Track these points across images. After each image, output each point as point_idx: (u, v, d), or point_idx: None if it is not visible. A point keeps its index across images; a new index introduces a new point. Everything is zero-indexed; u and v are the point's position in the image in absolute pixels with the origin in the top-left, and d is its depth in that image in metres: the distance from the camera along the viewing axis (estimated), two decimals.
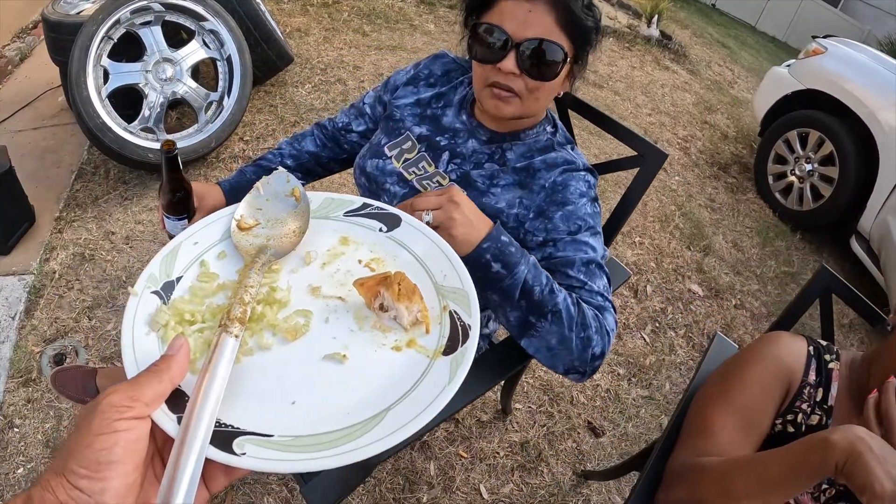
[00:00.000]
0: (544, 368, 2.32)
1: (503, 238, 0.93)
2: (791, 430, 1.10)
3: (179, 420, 0.47)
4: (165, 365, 0.47)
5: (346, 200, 0.80)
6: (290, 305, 0.64)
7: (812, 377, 1.12)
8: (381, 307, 0.62)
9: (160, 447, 0.47)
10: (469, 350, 0.58)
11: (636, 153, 1.42)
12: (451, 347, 0.59)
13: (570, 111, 1.53)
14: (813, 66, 4.04)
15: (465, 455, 1.98)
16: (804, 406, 1.10)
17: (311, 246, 0.72)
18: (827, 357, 1.14)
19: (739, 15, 12.38)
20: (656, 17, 6.77)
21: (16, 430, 1.75)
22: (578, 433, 2.16)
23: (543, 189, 1.13)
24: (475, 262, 0.91)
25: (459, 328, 0.61)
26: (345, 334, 0.61)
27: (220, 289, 0.64)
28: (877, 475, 0.74)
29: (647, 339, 2.65)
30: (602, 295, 1.05)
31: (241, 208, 0.76)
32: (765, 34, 12.28)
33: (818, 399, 1.10)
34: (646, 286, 2.97)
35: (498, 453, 2.02)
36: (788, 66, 4.36)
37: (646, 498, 1.17)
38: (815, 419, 1.09)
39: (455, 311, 0.63)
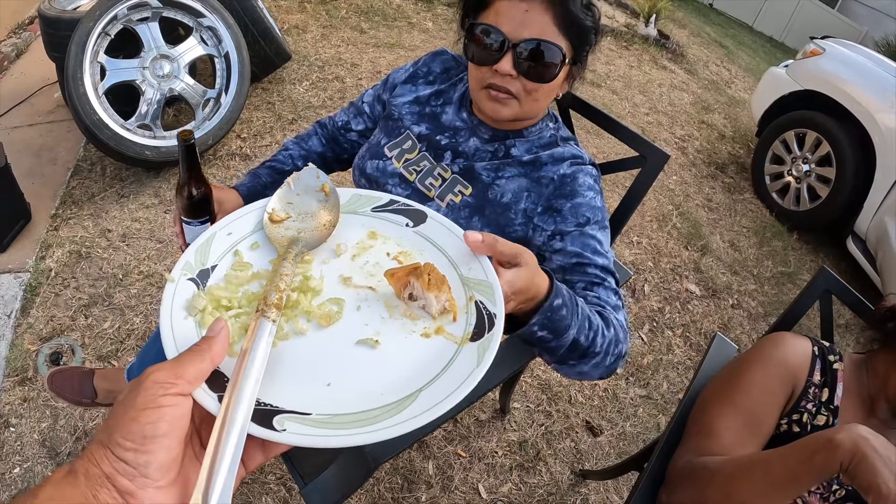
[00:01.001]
0: (543, 368, 2.32)
1: (555, 303, 0.79)
2: (797, 429, 1.10)
3: (220, 399, 0.48)
4: (207, 345, 0.49)
5: (374, 196, 0.83)
6: (323, 294, 0.66)
7: (817, 377, 1.12)
8: (411, 296, 0.65)
9: (198, 426, 0.49)
10: (495, 336, 0.61)
11: (637, 154, 1.41)
12: (477, 334, 0.62)
13: (571, 110, 1.53)
14: (811, 66, 4.04)
15: (463, 454, 1.98)
16: (810, 406, 1.10)
17: (341, 239, 0.75)
18: (831, 357, 1.15)
19: (737, 15, 12.40)
20: (654, 16, 6.77)
21: (12, 429, 1.74)
22: (576, 432, 2.16)
23: (552, 182, 1.12)
24: (524, 334, 0.82)
25: (485, 316, 0.64)
26: (376, 321, 0.64)
27: (255, 277, 0.67)
28: (882, 476, 0.74)
29: (645, 339, 2.66)
30: (616, 292, 1.02)
31: (272, 202, 0.78)
32: (762, 34, 12.30)
33: (824, 399, 1.11)
34: (643, 286, 2.97)
35: (496, 452, 2.02)
36: (786, 66, 4.36)
37: (647, 498, 1.17)
38: (821, 419, 1.09)
39: (481, 301, 0.66)
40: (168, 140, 2.64)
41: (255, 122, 3.26)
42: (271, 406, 0.52)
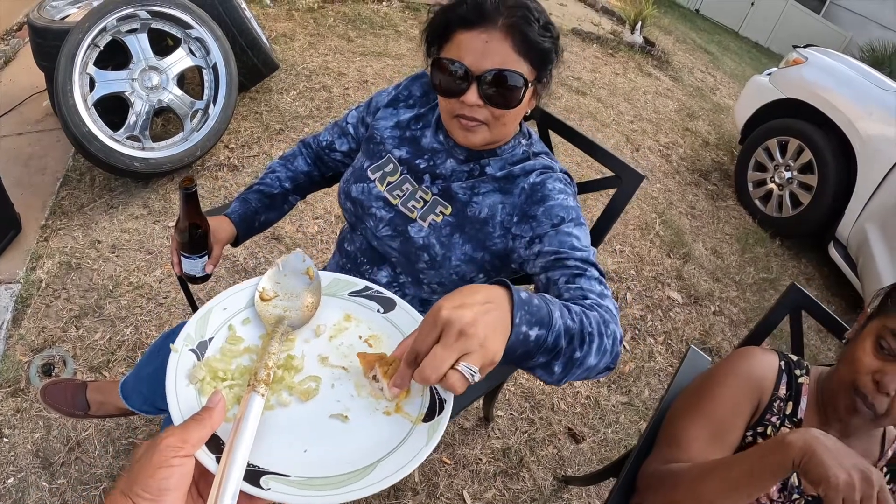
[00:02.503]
0: (526, 376, 2.37)
1: (522, 295, 0.71)
2: (761, 441, 1.14)
3: (217, 459, 0.58)
4: (207, 415, 0.59)
5: (351, 282, 0.91)
6: (304, 371, 0.76)
7: (783, 391, 1.17)
8: (374, 378, 0.73)
9: (196, 480, 0.58)
10: (443, 420, 0.70)
11: (612, 174, 1.46)
12: (429, 416, 0.71)
13: (550, 131, 1.57)
14: (793, 75, 4.12)
15: (448, 461, 2.02)
16: (774, 419, 1.15)
17: (321, 320, 0.84)
18: (797, 372, 1.20)
19: (723, 20, 12.53)
20: (640, 23, 6.85)
21: (5, 440, 1.76)
22: (559, 439, 2.20)
23: (524, 191, 1.15)
24: (518, 343, 0.70)
25: (437, 401, 0.72)
26: (346, 398, 0.73)
27: (246, 351, 0.77)
28: (831, 468, 0.81)
29: (627, 346, 2.71)
30: (601, 281, 0.99)
31: (263, 281, 0.87)
32: (747, 39, 12.43)
33: (788, 412, 1.16)
34: (626, 294, 3.02)
35: (480, 459, 2.06)
36: (769, 74, 4.44)
37: None
38: (785, 432, 1.14)
39: (434, 387, 0.74)
40: (157, 151, 2.67)
41: (242, 133, 3.28)
42: (258, 468, 0.61)
